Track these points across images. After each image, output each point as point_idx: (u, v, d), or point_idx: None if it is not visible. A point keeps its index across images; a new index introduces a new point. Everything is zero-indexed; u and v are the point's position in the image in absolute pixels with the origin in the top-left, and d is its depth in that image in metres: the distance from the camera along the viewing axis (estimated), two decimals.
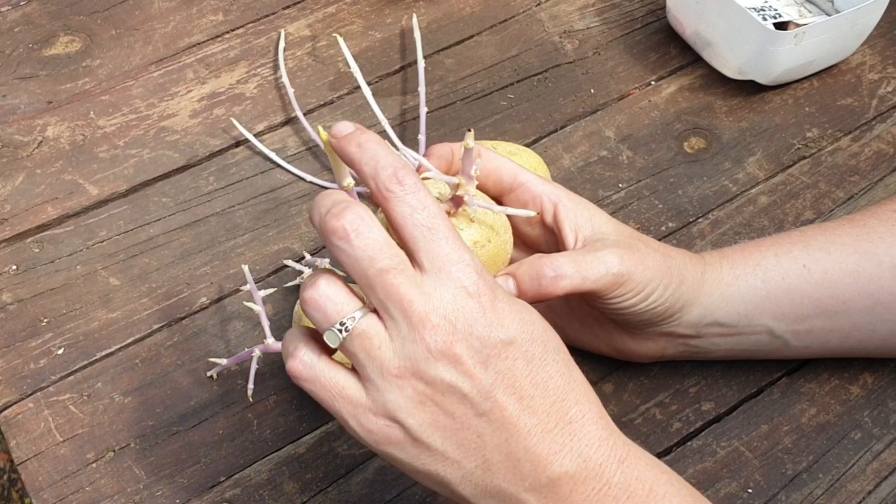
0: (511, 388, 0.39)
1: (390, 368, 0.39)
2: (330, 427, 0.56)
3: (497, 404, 0.39)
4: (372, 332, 0.39)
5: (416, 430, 0.39)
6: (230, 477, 0.54)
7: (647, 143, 0.70)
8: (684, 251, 0.54)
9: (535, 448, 0.39)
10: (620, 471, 0.40)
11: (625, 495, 0.40)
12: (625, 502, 0.40)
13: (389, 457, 0.40)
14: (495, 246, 0.48)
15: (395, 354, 0.39)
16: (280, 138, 0.70)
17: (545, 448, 0.39)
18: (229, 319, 0.60)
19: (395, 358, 0.39)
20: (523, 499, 0.40)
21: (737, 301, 0.53)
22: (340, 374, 0.40)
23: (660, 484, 0.41)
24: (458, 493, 0.41)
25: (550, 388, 0.40)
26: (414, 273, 0.39)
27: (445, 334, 0.38)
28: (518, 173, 0.51)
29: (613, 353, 0.56)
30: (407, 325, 0.38)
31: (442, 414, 0.39)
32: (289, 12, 0.78)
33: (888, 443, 0.55)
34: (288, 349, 0.41)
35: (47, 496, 0.53)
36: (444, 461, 0.40)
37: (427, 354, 0.38)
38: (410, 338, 0.38)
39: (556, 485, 0.40)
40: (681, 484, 0.42)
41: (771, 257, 0.53)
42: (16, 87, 0.72)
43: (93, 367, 0.58)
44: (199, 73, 0.73)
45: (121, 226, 0.64)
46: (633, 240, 0.50)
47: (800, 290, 0.53)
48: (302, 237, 0.64)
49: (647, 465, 0.42)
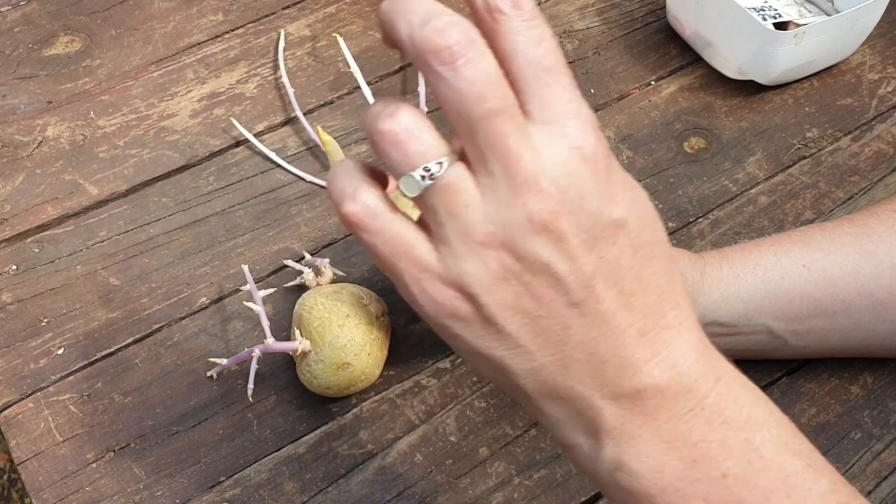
0: (612, 280, 0.33)
1: (475, 234, 0.32)
2: (330, 427, 0.56)
3: (594, 295, 0.33)
4: (461, 187, 0.32)
5: (490, 309, 0.33)
6: (230, 477, 0.54)
7: (647, 143, 0.70)
8: (685, 251, 0.54)
9: (625, 351, 0.34)
10: (716, 391, 0.34)
11: (719, 419, 0.34)
12: (718, 428, 0.34)
13: (447, 331, 0.34)
14: None
15: (485, 218, 0.32)
16: (280, 138, 0.70)
17: (637, 353, 0.34)
18: (229, 319, 0.60)
19: (484, 222, 0.32)
20: (597, 406, 0.34)
21: (736, 301, 0.53)
22: (410, 230, 0.33)
23: (758, 411, 0.36)
24: (517, 385, 0.35)
25: (652, 286, 0.34)
26: (524, 123, 0.32)
27: (552, 204, 0.31)
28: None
29: None
30: (508, 185, 0.31)
31: (527, 296, 0.33)
32: (289, 12, 0.78)
33: (888, 443, 0.55)
34: (344, 189, 0.33)
35: (47, 496, 0.53)
36: (513, 349, 0.34)
37: (526, 224, 0.31)
38: (509, 202, 0.31)
39: (641, 397, 0.34)
40: (779, 414, 0.37)
41: (770, 257, 0.53)
42: (16, 87, 0.72)
43: (93, 367, 0.58)
44: (199, 73, 0.73)
45: (121, 226, 0.64)
46: None
47: (799, 290, 0.53)
48: (302, 237, 0.64)
49: (745, 388, 0.36)
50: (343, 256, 0.63)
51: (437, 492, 0.53)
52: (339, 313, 0.54)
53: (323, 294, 0.55)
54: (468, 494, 0.53)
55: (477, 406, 0.57)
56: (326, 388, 0.54)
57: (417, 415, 0.56)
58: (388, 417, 0.56)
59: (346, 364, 0.53)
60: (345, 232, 0.64)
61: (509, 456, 0.55)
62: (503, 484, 0.53)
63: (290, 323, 0.57)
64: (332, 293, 0.55)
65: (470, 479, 0.54)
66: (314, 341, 0.53)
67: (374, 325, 0.54)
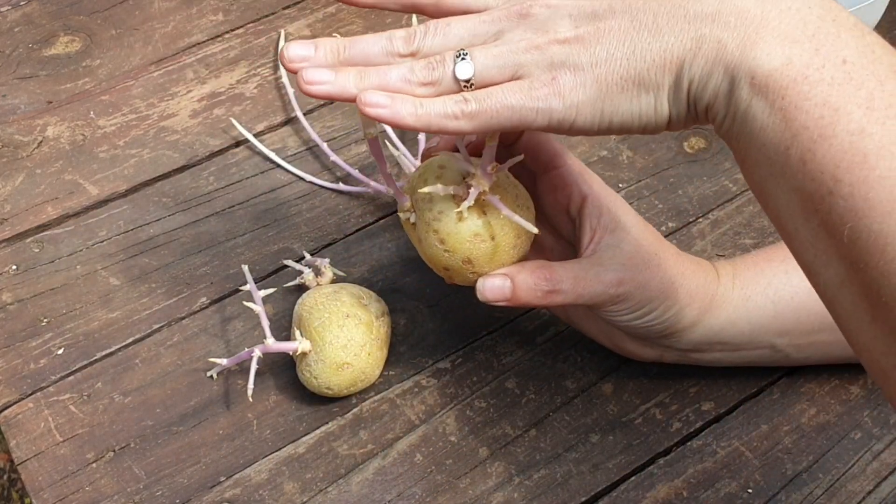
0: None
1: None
2: (330, 427, 0.56)
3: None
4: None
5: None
6: (230, 477, 0.54)
7: (647, 143, 0.70)
8: (706, 269, 0.52)
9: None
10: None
11: (829, 16, 0.36)
12: (831, 23, 0.36)
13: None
14: (496, 246, 0.48)
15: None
16: (280, 138, 0.70)
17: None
18: (229, 319, 0.60)
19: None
20: (706, 34, 0.37)
21: (743, 323, 0.52)
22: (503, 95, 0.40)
23: (859, 21, 0.37)
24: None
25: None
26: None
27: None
28: (558, 156, 0.50)
29: (613, 347, 0.56)
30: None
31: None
32: (289, 12, 0.78)
33: (888, 443, 0.55)
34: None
35: (47, 496, 0.53)
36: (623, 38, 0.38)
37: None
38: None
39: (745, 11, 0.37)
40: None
41: (781, 275, 0.52)
42: (16, 87, 0.72)
43: (93, 367, 0.58)
44: (199, 73, 0.73)
45: (121, 226, 0.64)
46: (651, 255, 0.49)
47: (807, 308, 0.52)
48: (302, 237, 0.64)
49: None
50: (343, 256, 0.63)
51: (437, 492, 0.53)
52: (339, 313, 0.54)
53: (323, 294, 0.55)
54: (468, 494, 0.53)
55: (477, 406, 0.57)
56: (326, 388, 0.54)
57: (417, 415, 0.56)
58: (388, 417, 0.56)
59: (346, 364, 0.53)
60: (345, 232, 0.64)
61: (509, 456, 0.55)
62: (503, 484, 0.54)
63: (290, 323, 0.57)
64: (332, 293, 0.55)
65: (470, 479, 0.54)
66: (314, 341, 0.53)
67: (374, 325, 0.55)
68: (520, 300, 0.47)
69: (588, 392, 0.57)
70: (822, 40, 0.35)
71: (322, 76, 0.41)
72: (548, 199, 0.52)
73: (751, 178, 0.38)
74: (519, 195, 0.49)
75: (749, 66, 0.36)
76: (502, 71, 0.40)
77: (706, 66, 0.37)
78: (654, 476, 0.54)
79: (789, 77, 0.35)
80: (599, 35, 0.39)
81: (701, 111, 0.39)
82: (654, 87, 0.38)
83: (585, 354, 0.58)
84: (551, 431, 0.56)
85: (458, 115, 0.40)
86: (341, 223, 0.65)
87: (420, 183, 0.48)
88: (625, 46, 0.38)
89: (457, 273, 0.49)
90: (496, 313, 0.60)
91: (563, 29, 0.40)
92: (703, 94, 0.38)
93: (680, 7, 0.38)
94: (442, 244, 0.48)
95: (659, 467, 0.54)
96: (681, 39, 0.37)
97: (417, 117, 0.40)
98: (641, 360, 0.56)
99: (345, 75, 0.41)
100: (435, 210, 0.47)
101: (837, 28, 0.36)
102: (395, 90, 0.41)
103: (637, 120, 0.39)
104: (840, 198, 0.34)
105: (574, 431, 0.56)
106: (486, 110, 0.40)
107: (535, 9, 0.40)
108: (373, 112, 0.40)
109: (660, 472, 0.54)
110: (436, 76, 0.41)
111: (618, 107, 0.39)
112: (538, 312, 0.60)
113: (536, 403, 0.57)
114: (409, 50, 0.42)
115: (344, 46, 0.42)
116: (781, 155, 0.35)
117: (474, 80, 0.40)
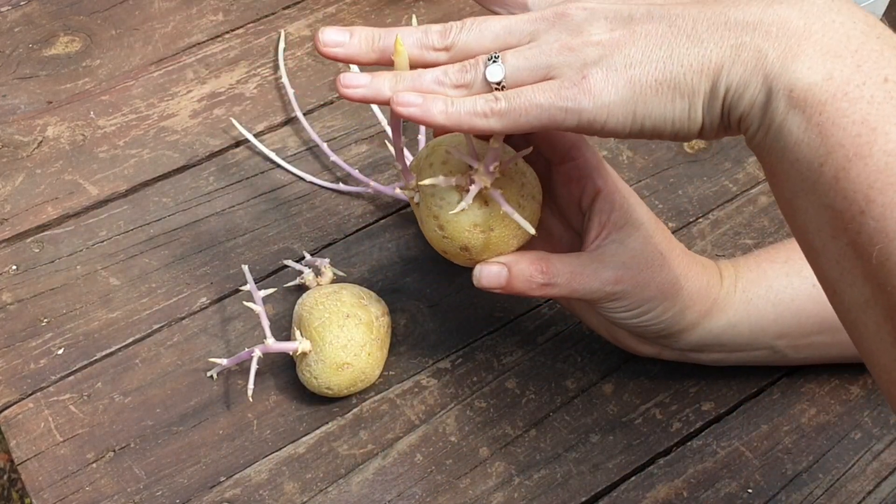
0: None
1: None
2: (330, 427, 0.56)
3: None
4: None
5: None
6: (230, 477, 0.54)
7: (647, 143, 0.70)
8: (710, 271, 0.52)
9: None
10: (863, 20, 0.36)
11: (873, 32, 0.36)
12: (875, 40, 0.36)
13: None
14: (494, 237, 0.48)
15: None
16: (280, 138, 0.70)
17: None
18: (229, 319, 0.60)
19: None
20: (750, 42, 0.37)
21: (744, 326, 0.52)
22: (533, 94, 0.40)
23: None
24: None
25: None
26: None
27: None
28: (575, 147, 0.49)
29: (612, 340, 0.56)
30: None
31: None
32: (289, 12, 0.78)
33: (888, 443, 0.55)
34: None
35: (47, 496, 0.53)
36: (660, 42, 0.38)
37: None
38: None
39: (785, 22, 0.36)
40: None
41: (783, 278, 0.52)
42: (16, 87, 0.72)
43: (93, 367, 0.58)
44: (199, 73, 0.73)
45: (121, 226, 0.64)
46: (656, 254, 0.49)
47: (807, 311, 0.52)
48: (302, 237, 0.64)
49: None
50: (343, 256, 0.63)
51: (437, 492, 0.53)
52: (339, 313, 0.54)
53: (323, 294, 0.55)
54: (468, 494, 0.53)
55: (477, 406, 0.57)
56: (326, 388, 0.54)
57: (417, 415, 0.56)
58: (388, 417, 0.56)
59: (346, 364, 0.53)
60: (345, 232, 0.64)
61: (509, 456, 0.55)
62: (503, 484, 0.54)
63: (290, 323, 0.57)
64: (332, 293, 0.55)
65: (470, 479, 0.54)
66: (314, 341, 0.53)
67: (374, 325, 0.55)
68: (514, 289, 0.48)
69: (588, 392, 0.57)
70: (864, 56, 0.35)
71: (359, 80, 0.42)
72: (561, 191, 0.51)
73: (780, 193, 0.38)
74: (525, 184, 0.49)
75: (788, 79, 0.36)
76: (534, 72, 0.40)
77: (745, 74, 0.37)
78: (654, 476, 0.54)
79: (829, 93, 0.35)
80: (635, 38, 0.38)
81: (734, 121, 0.38)
82: (689, 92, 0.38)
83: (585, 354, 0.58)
84: (551, 431, 0.56)
85: (487, 113, 0.40)
86: (341, 223, 0.65)
87: (426, 166, 0.48)
88: (661, 50, 0.38)
89: (454, 257, 0.50)
90: (496, 313, 0.60)
91: (597, 31, 0.39)
92: (738, 104, 0.37)
93: (721, 14, 0.37)
94: (441, 230, 0.48)
95: (659, 467, 0.54)
96: (720, 46, 0.37)
97: (448, 115, 0.40)
98: (639, 355, 0.56)
99: (380, 79, 0.42)
100: (437, 196, 0.48)
101: (881, 45, 0.35)
102: (428, 92, 0.41)
103: (669, 125, 0.39)
104: (871, 218, 0.33)
105: (574, 431, 0.56)
106: (516, 108, 0.40)
107: (573, 10, 0.40)
108: (405, 111, 0.40)
109: (660, 472, 0.54)
110: (468, 79, 0.41)
111: (651, 110, 0.38)
112: (539, 312, 0.60)
113: (536, 403, 0.57)
114: (444, 44, 0.42)
115: (379, 35, 0.43)
116: (814, 171, 0.35)
117: (505, 82, 0.40)
